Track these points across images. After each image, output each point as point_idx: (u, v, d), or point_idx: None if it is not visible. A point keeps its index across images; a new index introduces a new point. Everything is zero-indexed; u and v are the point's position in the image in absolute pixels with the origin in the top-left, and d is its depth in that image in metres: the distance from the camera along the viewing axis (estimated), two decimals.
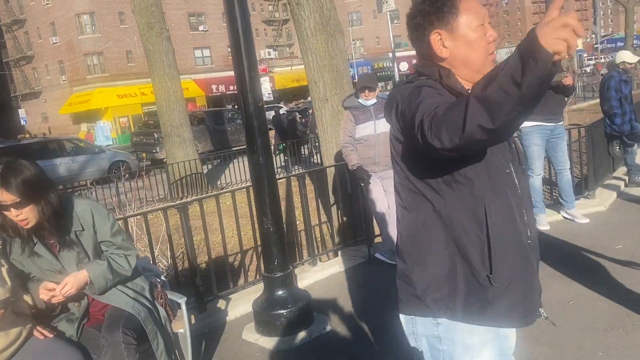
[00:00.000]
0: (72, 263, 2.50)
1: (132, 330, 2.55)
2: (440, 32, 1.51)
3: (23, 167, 2.28)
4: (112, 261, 2.57)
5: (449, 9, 1.49)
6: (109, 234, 2.61)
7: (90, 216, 2.55)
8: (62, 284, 2.40)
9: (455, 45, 1.51)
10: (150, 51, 11.75)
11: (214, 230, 6.90)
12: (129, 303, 2.61)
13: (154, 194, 11.62)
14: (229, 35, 3.45)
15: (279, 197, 3.66)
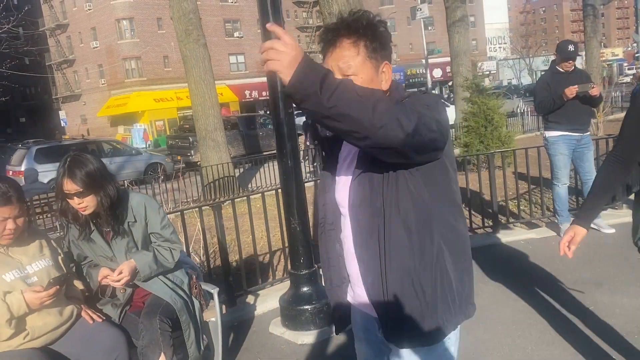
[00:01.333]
0: (121, 251, 2.76)
1: (168, 318, 2.79)
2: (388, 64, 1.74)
3: (87, 160, 2.60)
4: (158, 253, 2.83)
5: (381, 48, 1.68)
6: (159, 226, 2.87)
7: (144, 209, 2.82)
8: (118, 270, 2.68)
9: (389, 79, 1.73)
10: (187, 57, 12.13)
11: (245, 230, 7.15)
12: (168, 293, 2.84)
13: (187, 195, 11.98)
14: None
15: (305, 198, 3.86)
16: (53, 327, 2.44)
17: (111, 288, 2.79)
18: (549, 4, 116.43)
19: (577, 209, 6.03)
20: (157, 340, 2.71)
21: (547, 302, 3.93)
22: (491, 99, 10.57)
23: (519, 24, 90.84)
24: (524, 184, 6.56)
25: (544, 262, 4.81)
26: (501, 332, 3.51)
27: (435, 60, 46.62)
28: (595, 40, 20.89)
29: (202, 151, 12.72)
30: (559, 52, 5.31)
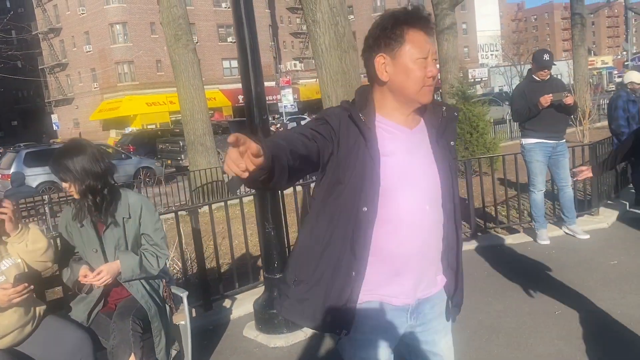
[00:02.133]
0: (111, 246, 2.84)
1: (141, 321, 2.84)
2: (384, 56, 1.62)
3: (75, 149, 2.76)
4: (144, 258, 2.89)
5: (395, 37, 1.60)
6: (152, 228, 2.95)
7: (140, 208, 2.91)
8: (97, 271, 2.74)
9: (395, 71, 1.62)
10: (176, 62, 12.19)
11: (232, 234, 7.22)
12: (145, 297, 2.89)
13: (176, 200, 12.02)
14: (237, 53, 3.74)
15: (279, 203, 3.92)
16: (18, 326, 2.48)
17: (88, 285, 2.83)
18: (541, 12, 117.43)
19: (553, 215, 6.12)
20: (128, 340, 2.75)
21: (518, 307, 4.00)
22: (477, 106, 10.68)
23: (511, 31, 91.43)
24: (505, 190, 6.63)
25: (519, 267, 4.88)
26: (469, 336, 3.57)
27: None
28: (583, 48, 21.14)
29: (190, 156, 12.77)
30: (534, 61, 5.42)
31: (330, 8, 6.81)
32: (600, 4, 36.00)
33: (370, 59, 1.65)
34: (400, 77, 1.62)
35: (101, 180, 2.79)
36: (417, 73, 1.61)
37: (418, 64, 1.61)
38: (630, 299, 3.93)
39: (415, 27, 1.61)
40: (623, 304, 3.86)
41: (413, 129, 1.71)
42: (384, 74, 1.63)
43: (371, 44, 1.65)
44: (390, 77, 1.63)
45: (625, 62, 45.89)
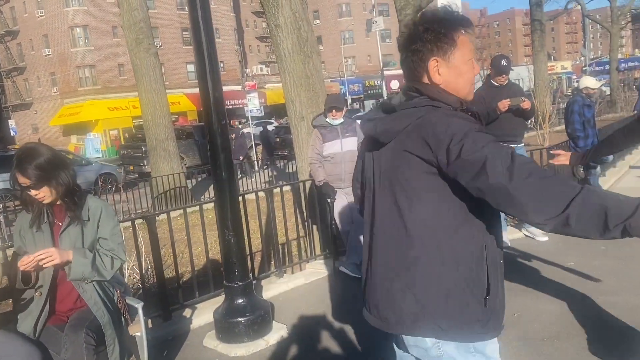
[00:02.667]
0: (66, 248, 2.73)
1: (94, 333, 2.73)
2: (437, 60, 1.67)
3: (37, 152, 2.66)
4: (98, 258, 2.79)
5: (448, 41, 1.67)
6: (109, 232, 2.87)
7: (99, 212, 2.85)
8: (47, 250, 2.60)
9: (449, 73, 1.68)
10: (137, 66, 11.98)
11: (194, 242, 7.09)
12: (98, 304, 2.79)
13: (137, 207, 11.78)
14: (194, 58, 3.68)
15: (239, 210, 3.86)
16: None
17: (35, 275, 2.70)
18: (503, 19, 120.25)
19: (514, 217, 6.23)
20: (81, 354, 2.65)
21: None
22: None
23: (475, 37, 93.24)
24: None
25: None
26: None
27: (392, 72, 47.32)
28: (543, 53, 21.73)
29: (152, 161, 12.55)
30: (493, 66, 5.51)
31: (293, 13, 6.79)
32: (559, 10, 37.09)
33: (420, 62, 1.69)
34: (453, 78, 1.69)
35: (74, 180, 2.79)
36: (469, 74, 1.71)
37: (469, 65, 1.70)
38: (587, 301, 4.01)
39: (464, 30, 1.70)
40: (580, 305, 3.94)
41: None
42: (436, 77, 1.69)
43: (420, 47, 1.68)
44: (444, 78, 1.69)
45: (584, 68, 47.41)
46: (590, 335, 3.46)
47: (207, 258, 4.79)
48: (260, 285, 4.93)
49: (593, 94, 6.92)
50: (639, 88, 14.02)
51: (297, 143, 7.06)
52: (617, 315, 3.70)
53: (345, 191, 5.13)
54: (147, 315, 4.01)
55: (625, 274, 4.48)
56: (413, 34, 1.70)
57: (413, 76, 1.73)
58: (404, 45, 1.73)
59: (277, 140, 22.01)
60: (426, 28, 1.67)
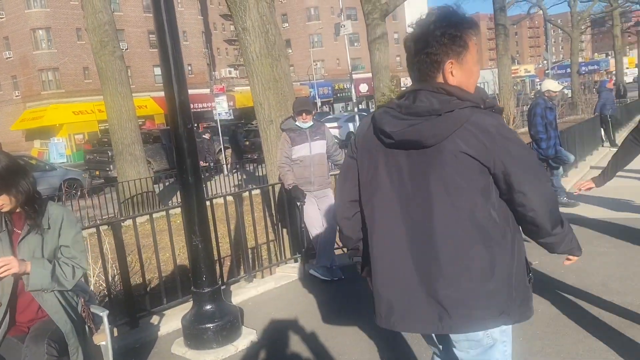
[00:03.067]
0: (25, 257, 2.65)
1: (57, 343, 2.67)
2: (453, 62, 1.76)
3: (5, 159, 2.58)
4: (58, 267, 2.71)
5: (462, 44, 1.76)
6: (71, 240, 2.78)
7: (61, 219, 2.76)
8: (4, 258, 2.53)
9: (462, 74, 1.78)
10: (102, 69, 11.80)
11: (162, 248, 6.99)
12: (59, 312, 2.72)
13: (104, 212, 11.57)
14: (160, 61, 3.63)
15: (206, 215, 3.83)
16: None
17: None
18: None
19: None
20: None
21: None
22: None
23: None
24: None
25: None
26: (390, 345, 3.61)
27: (361, 76, 47.70)
28: (507, 57, 22.16)
29: (119, 166, 12.36)
30: None
31: (260, 16, 6.78)
32: (521, 15, 38.00)
33: (435, 64, 1.76)
34: (465, 79, 1.79)
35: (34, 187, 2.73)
36: (477, 74, 1.84)
37: (477, 66, 1.84)
38: (550, 298, 4.11)
39: (475, 34, 1.81)
40: (542, 303, 4.03)
41: None
42: (450, 78, 1.77)
43: (437, 50, 1.75)
44: (457, 79, 1.78)
45: (546, 71, 48.68)
46: (559, 334, 3.54)
47: (175, 264, 4.72)
48: (229, 290, 4.89)
49: (555, 96, 7.12)
50: (599, 90, 14.43)
51: (266, 146, 7.04)
52: (580, 313, 3.80)
53: (314, 194, 5.13)
54: (113, 323, 3.94)
55: (584, 271, 4.60)
56: (428, 37, 1.76)
57: (424, 77, 1.80)
58: (418, 47, 1.79)
59: (246, 144, 21.90)
60: (443, 32, 1.74)
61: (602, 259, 4.90)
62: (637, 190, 7.31)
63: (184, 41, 46.16)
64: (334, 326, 4.02)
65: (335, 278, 5.06)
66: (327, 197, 5.20)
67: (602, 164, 10.45)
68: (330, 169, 5.45)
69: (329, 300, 4.62)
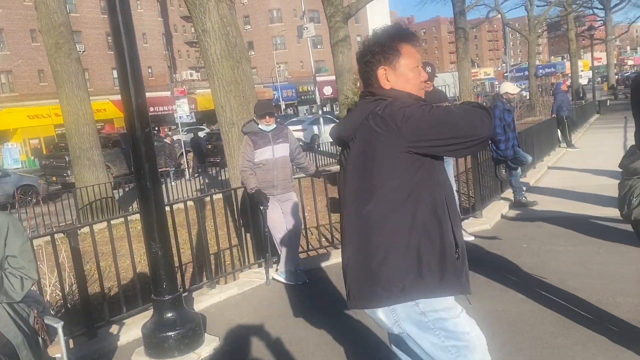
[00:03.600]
0: None
1: (7, 357, 2.56)
2: (385, 68, 1.93)
3: None
4: (5, 279, 2.60)
5: (393, 52, 1.92)
6: (18, 249, 2.66)
7: (6, 229, 2.63)
8: None
9: (396, 79, 1.93)
10: (58, 72, 11.44)
11: (121, 255, 6.82)
12: (9, 325, 2.61)
13: (61, 219, 11.21)
14: (116, 64, 3.54)
15: (166, 220, 3.74)
16: None
17: None
18: (429, 26, 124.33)
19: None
20: None
21: None
22: None
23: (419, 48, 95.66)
24: None
25: None
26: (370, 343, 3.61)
27: (325, 78, 47.79)
28: (467, 60, 22.61)
29: (76, 171, 12.01)
30: None
31: (221, 18, 6.70)
32: (481, 19, 38.78)
33: (371, 71, 1.95)
34: (401, 84, 1.94)
35: None
36: (416, 80, 1.96)
37: (415, 72, 1.95)
38: (509, 296, 4.18)
39: (407, 42, 1.94)
40: (500, 303, 4.10)
41: None
42: (386, 83, 1.94)
43: (370, 59, 1.94)
44: (392, 85, 1.94)
45: (505, 74, 49.86)
46: (513, 331, 3.60)
47: (135, 271, 4.60)
48: (191, 297, 4.80)
49: (513, 98, 7.27)
50: (554, 93, 14.85)
51: (228, 150, 6.96)
52: (536, 310, 3.88)
53: (278, 198, 5.09)
54: (69, 334, 3.82)
55: (543, 270, 4.70)
56: (365, 48, 1.98)
57: (367, 84, 2.00)
58: (358, 58, 2.00)
59: (208, 147, 21.63)
60: (374, 42, 1.95)
61: (561, 257, 5.02)
62: (600, 188, 7.52)
63: (143, 43, 45.36)
64: (299, 330, 3.99)
65: (300, 282, 5.03)
66: (291, 201, 5.16)
67: (559, 164, 10.77)
68: (293, 172, 5.41)
69: (293, 304, 4.59)
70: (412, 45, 1.95)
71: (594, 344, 3.29)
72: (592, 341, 3.32)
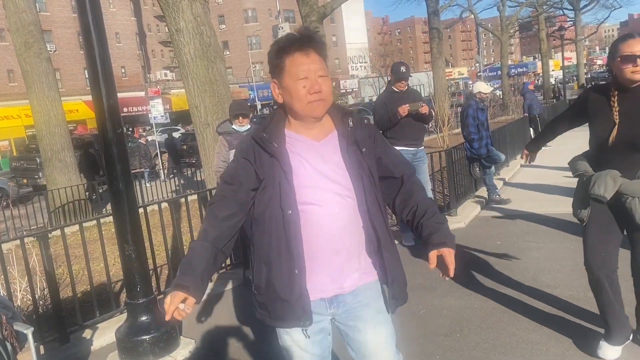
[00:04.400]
0: None
1: None
2: (275, 81, 1.86)
3: None
4: None
5: (279, 64, 1.82)
6: None
7: None
8: None
9: (284, 93, 1.84)
10: (27, 72, 11.18)
11: (95, 258, 6.70)
12: None
13: (32, 223, 10.97)
14: (86, 64, 3.47)
15: (139, 222, 3.69)
16: None
17: None
18: (404, 27, 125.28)
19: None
20: None
21: None
22: None
23: (378, 44, 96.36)
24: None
25: None
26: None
27: None
28: (441, 60, 22.80)
29: (48, 173, 11.75)
30: (392, 73, 5.69)
31: (194, 17, 6.64)
32: (454, 19, 39.16)
33: (272, 85, 1.89)
34: (287, 98, 1.83)
35: None
36: (300, 92, 1.79)
37: (299, 84, 1.79)
38: (484, 294, 4.23)
39: (292, 53, 1.80)
40: (475, 300, 4.15)
41: (320, 140, 1.89)
42: (278, 97, 1.87)
43: (270, 71, 1.88)
44: (283, 98, 1.85)
45: (478, 73, 50.50)
46: (490, 328, 3.65)
47: (108, 274, 4.52)
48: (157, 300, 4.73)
49: (486, 98, 7.37)
50: (522, 92, 15.18)
51: (203, 150, 6.91)
52: (512, 307, 3.94)
53: None
54: (40, 340, 3.74)
55: (517, 267, 4.77)
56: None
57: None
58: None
59: (183, 148, 21.42)
60: (269, 53, 1.87)
61: (534, 253, 5.10)
62: (571, 185, 7.64)
63: (116, 43, 44.68)
64: (275, 331, 3.97)
65: None
66: None
67: (532, 162, 10.91)
68: None
69: None
70: (299, 55, 1.79)
71: (567, 338, 3.34)
72: (565, 335, 3.38)
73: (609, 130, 2.77)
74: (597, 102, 2.89)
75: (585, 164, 2.99)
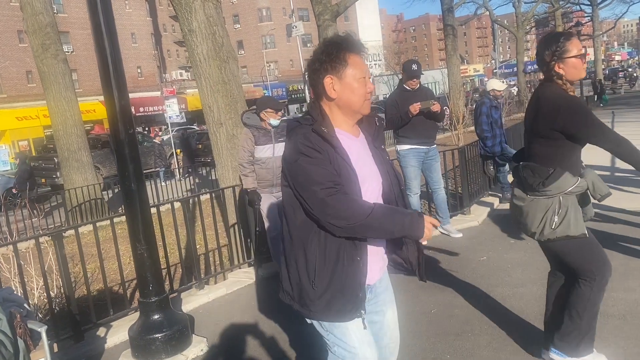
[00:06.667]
0: None
1: None
2: (332, 77, 1.94)
3: None
4: None
5: (340, 61, 1.92)
6: None
7: None
8: None
9: (342, 89, 1.94)
10: (45, 73, 11.36)
11: (110, 257, 6.78)
12: None
13: (50, 222, 11.13)
14: (98, 65, 3.51)
15: (151, 222, 3.73)
16: None
17: None
18: (418, 24, 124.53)
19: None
20: None
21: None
22: None
23: (392, 41, 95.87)
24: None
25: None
26: None
27: None
28: (456, 57, 22.65)
29: (65, 173, 11.93)
30: (404, 71, 5.66)
31: (207, 17, 6.67)
32: (469, 16, 38.87)
33: (318, 79, 1.96)
34: (347, 94, 1.95)
35: None
36: (360, 90, 1.95)
37: (360, 82, 1.95)
38: (497, 292, 4.20)
39: (355, 52, 1.95)
40: (491, 298, 4.12)
41: (358, 137, 2.06)
42: (332, 92, 1.95)
43: (318, 67, 1.95)
44: (338, 94, 1.95)
45: (494, 70, 50.04)
46: (502, 327, 3.62)
47: (122, 273, 4.58)
48: (179, 298, 4.79)
49: (500, 95, 7.30)
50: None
51: (216, 150, 6.93)
52: (523, 305, 3.90)
53: (275, 195, 5.02)
54: (55, 338, 3.80)
55: (531, 265, 4.72)
56: (314, 56, 1.99)
57: (316, 93, 2.02)
58: (307, 66, 2.03)
59: (198, 147, 21.55)
60: (322, 50, 1.96)
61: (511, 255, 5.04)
62: None
63: (132, 43, 45.09)
64: (288, 330, 3.99)
65: None
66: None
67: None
68: None
69: (283, 303, 4.56)
70: (359, 56, 1.97)
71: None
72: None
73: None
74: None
75: (578, 178, 2.76)
